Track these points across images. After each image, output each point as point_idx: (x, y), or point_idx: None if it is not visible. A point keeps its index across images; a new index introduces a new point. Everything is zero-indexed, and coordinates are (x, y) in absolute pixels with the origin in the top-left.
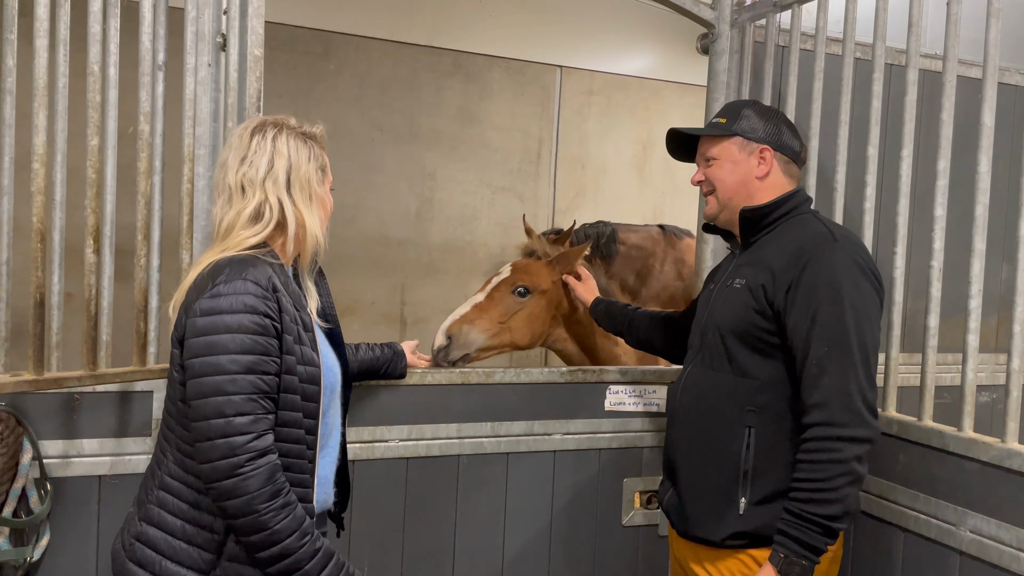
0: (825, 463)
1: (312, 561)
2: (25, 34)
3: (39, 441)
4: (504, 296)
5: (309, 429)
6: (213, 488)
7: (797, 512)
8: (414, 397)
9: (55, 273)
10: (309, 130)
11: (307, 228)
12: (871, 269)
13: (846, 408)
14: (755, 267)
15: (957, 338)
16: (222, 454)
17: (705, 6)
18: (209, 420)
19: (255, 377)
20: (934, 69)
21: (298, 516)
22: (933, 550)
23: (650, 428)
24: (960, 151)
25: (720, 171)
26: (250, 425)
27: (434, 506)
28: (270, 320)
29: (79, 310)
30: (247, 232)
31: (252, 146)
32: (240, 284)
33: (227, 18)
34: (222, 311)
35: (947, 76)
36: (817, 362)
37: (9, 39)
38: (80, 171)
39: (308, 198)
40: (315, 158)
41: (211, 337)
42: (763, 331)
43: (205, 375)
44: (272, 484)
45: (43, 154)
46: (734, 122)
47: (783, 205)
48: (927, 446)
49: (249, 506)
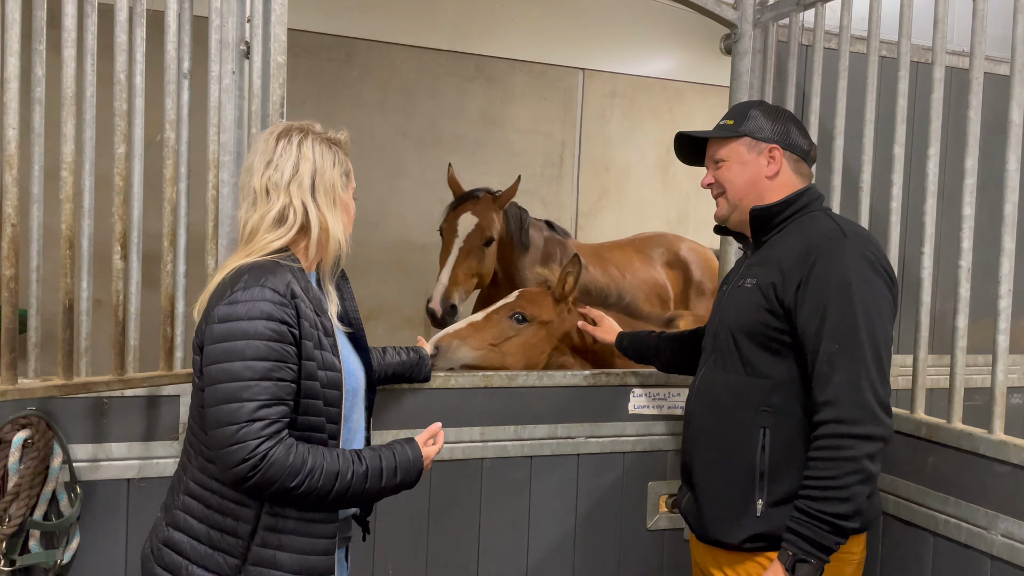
0: (836, 461)
1: (369, 478)
2: (53, 45)
3: (69, 445)
4: (501, 320)
5: (332, 434)
6: (245, 491)
7: (807, 510)
8: (437, 400)
9: (84, 279)
10: (334, 136)
11: (330, 232)
12: (882, 265)
13: (857, 405)
14: (765, 266)
15: (987, 339)
16: (238, 460)
17: (727, 6)
18: (224, 427)
19: (271, 384)
20: (961, 67)
21: (328, 461)
22: (964, 554)
23: (674, 431)
24: (988, 149)
25: (729, 172)
26: (262, 430)
27: (458, 509)
28: (287, 327)
29: (107, 316)
30: (271, 235)
31: (278, 150)
32: (257, 291)
33: (250, 26)
34: (239, 317)
35: (974, 73)
36: (828, 359)
37: (38, 50)
38: (108, 179)
39: (332, 203)
40: (339, 163)
41: (227, 344)
42: (774, 330)
43: (220, 382)
44: (291, 461)
45: (72, 162)
46: (741, 123)
47: (794, 203)
48: (957, 449)
49: (287, 488)
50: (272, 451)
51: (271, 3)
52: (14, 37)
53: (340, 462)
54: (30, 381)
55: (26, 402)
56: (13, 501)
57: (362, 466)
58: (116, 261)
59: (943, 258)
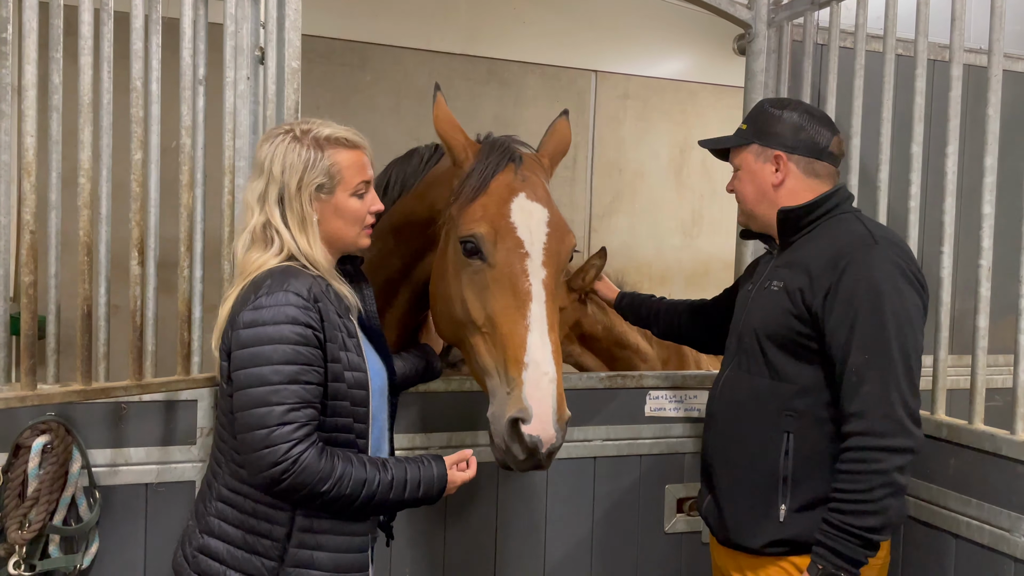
0: (865, 474)
1: (394, 488)
2: (70, 52)
3: (88, 450)
4: None
5: (360, 433)
6: (275, 494)
7: (836, 524)
8: (453, 404)
9: (102, 285)
10: (330, 134)
11: (304, 252)
12: (913, 272)
13: (887, 417)
14: (793, 269)
15: (1008, 338)
16: (270, 463)
17: (741, 6)
18: (254, 431)
19: (299, 387)
20: (979, 64)
21: (356, 468)
22: (987, 556)
23: (691, 434)
24: (1008, 147)
25: (740, 183)
26: (292, 433)
27: (475, 513)
28: (312, 330)
29: (125, 321)
30: (258, 256)
31: (258, 156)
32: (282, 296)
33: (265, 32)
34: (264, 322)
35: (992, 71)
36: (856, 370)
37: (55, 57)
38: (125, 185)
39: (301, 222)
40: (318, 166)
41: (254, 349)
42: (801, 336)
43: (249, 386)
44: (322, 466)
45: (89, 169)
46: (752, 126)
47: (822, 205)
48: (979, 450)
49: (316, 493)
50: (304, 455)
51: (285, 9)
52: (31, 45)
53: (368, 470)
54: (49, 387)
55: (45, 407)
56: (33, 506)
57: (388, 475)
58: (133, 267)
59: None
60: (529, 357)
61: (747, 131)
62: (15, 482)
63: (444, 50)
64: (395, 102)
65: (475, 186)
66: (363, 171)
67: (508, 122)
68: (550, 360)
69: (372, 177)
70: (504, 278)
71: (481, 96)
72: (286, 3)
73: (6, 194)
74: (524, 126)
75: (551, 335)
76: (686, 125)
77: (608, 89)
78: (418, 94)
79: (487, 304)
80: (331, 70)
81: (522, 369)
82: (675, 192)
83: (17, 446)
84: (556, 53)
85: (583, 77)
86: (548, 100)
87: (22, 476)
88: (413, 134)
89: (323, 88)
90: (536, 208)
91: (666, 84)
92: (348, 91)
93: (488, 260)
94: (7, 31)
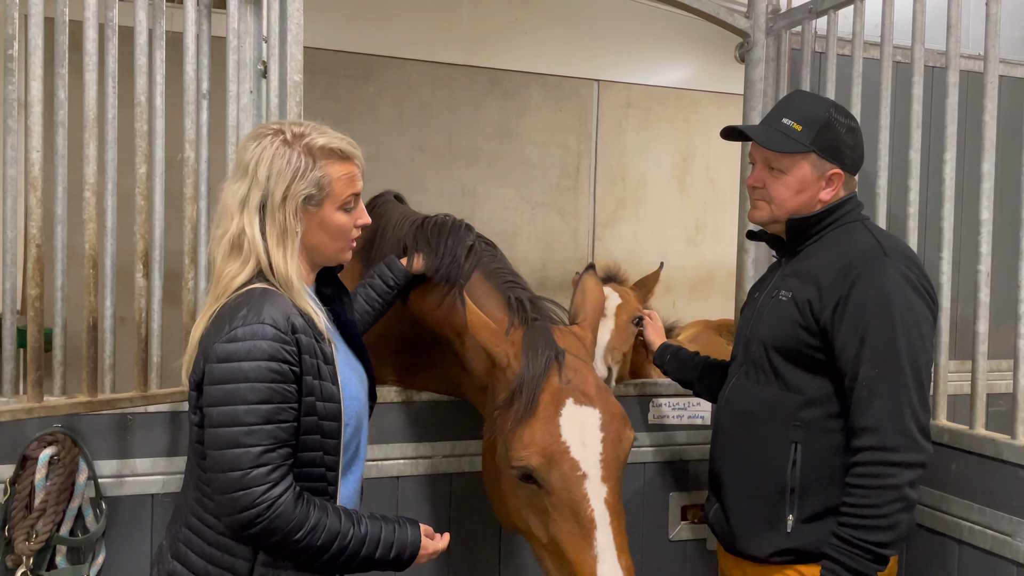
0: (878, 489)
1: (366, 545)
2: (75, 68)
3: (94, 461)
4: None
5: (330, 466)
6: (244, 539)
7: (847, 538)
8: (457, 413)
9: (107, 298)
10: (325, 144)
11: (276, 271)
12: (923, 284)
13: (899, 432)
14: (801, 279)
15: (1008, 343)
16: (243, 506)
17: (740, 15)
18: (227, 472)
19: (273, 427)
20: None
21: (331, 519)
22: (989, 562)
23: (695, 441)
24: (1005, 152)
25: (786, 190)
26: (267, 475)
27: (478, 520)
28: (288, 365)
29: (131, 333)
30: (231, 267)
31: (243, 157)
32: (259, 328)
33: (267, 46)
34: (240, 358)
35: (988, 77)
36: (867, 384)
37: (60, 73)
38: (129, 198)
39: (282, 234)
40: (307, 175)
41: (229, 386)
42: (809, 347)
43: (223, 425)
44: (297, 513)
45: (94, 183)
46: (813, 133)
47: (833, 213)
48: (980, 455)
49: (288, 541)
50: (280, 499)
51: (288, 23)
52: (37, 62)
53: (342, 522)
54: (56, 398)
55: (52, 419)
56: (40, 517)
57: (362, 530)
58: (139, 279)
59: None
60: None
61: (804, 135)
62: (22, 493)
63: (447, 61)
64: (398, 113)
65: (525, 404)
66: (354, 184)
67: (511, 132)
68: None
69: (362, 188)
70: (563, 505)
71: (484, 106)
72: (288, 17)
73: (13, 208)
74: (527, 136)
75: (621, 559)
76: (689, 133)
77: (610, 98)
78: (421, 105)
79: (549, 528)
80: (334, 82)
81: None
82: (678, 200)
83: (24, 458)
84: (558, 63)
85: (585, 86)
86: (551, 109)
87: (29, 487)
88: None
89: (327, 100)
90: (587, 414)
91: (668, 92)
92: (351, 102)
93: (545, 487)
94: (13, 48)
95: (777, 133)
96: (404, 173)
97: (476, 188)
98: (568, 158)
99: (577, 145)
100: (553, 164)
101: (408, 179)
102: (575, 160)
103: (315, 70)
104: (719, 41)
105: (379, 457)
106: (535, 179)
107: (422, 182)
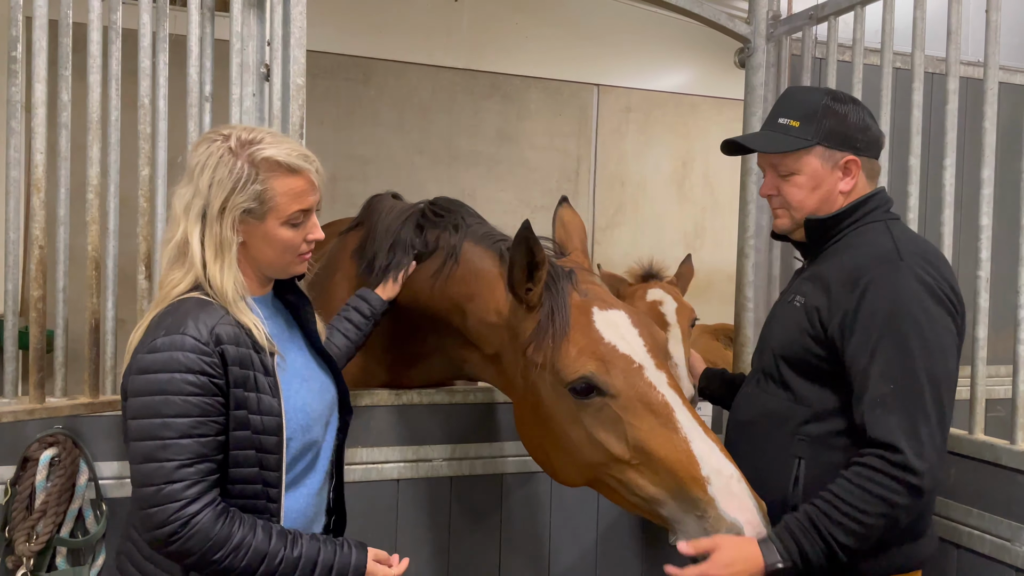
0: (874, 497)
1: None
2: (79, 70)
3: (95, 462)
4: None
5: (271, 482)
6: (164, 555)
7: (819, 526)
8: (457, 416)
9: (109, 299)
10: (270, 156)
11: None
12: (943, 290)
13: (916, 455)
14: (815, 284)
15: (1008, 349)
16: (157, 523)
17: (740, 21)
18: (143, 488)
19: (191, 441)
20: (976, 77)
21: (258, 539)
22: (988, 566)
23: None
24: (1005, 158)
25: (799, 191)
26: (182, 491)
27: (479, 525)
28: (208, 377)
29: None
30: (175, 275)
31: (191, 162)
32: (178, 339)
33: (270, 49)
34: (157, 370)
35: (988, 83)
36: (882, 401)
37: (64, 75)
38: (132, 200)
39: (218, 247)
40: (247, 188)
41: (145, 399)
42: (816, 357)
43: (139, 439)
44: (217, 532)
45: (97, 185)
46: (811, 125)
47: (854, 212)
48: (979, 460)
49: (206, 561)
50: (198, 517)
51: (291, 27)
52: (41, 64)
53: (272, 543)
54: (57, 400)
55: (53, 420)
56: (41, 518)
57: (295, 552)
58: (141, 281)
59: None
60: (707, 469)
61: (803, 129)
62: (23, 494)
63: (447, 65)
64: (399, 116)
65: (559, 324)
66: (302, 199)
67: (511, 136)
68: (725, 460)
69: (315, 202)
70: (633, 401)
71: (484, 110)
72: (291, 21)
73: (15, 210)
74: (526, 140)
75: (708, 434)
76: (688, 138)
77: (610, 103)
78: (421, 108)
79: (629, 435)
80: (335, 85)
81: (706, 485)
82: (677, 204)
83: (25, 459)
84: (558, 67)
85: (585, 91)
86: (551, 114)
87: (30, 489)
88: (416, 147)
89: (327, 103)
90: (615, 315)
91: (668, 97)
92: (352, 105)
93: (609, 392)
94: (17, 50)
95: (776, 135)
96: (404, 176)
97: (476, 191)
98: (568, 162)
99: (577, 149)
100: (553, 168)
101: (408, 182)
102: (575, 164)
103: (316, 73)
104: (719, 46)
105: (379, 460)
106: (535, 183)
107: (422, 185)
